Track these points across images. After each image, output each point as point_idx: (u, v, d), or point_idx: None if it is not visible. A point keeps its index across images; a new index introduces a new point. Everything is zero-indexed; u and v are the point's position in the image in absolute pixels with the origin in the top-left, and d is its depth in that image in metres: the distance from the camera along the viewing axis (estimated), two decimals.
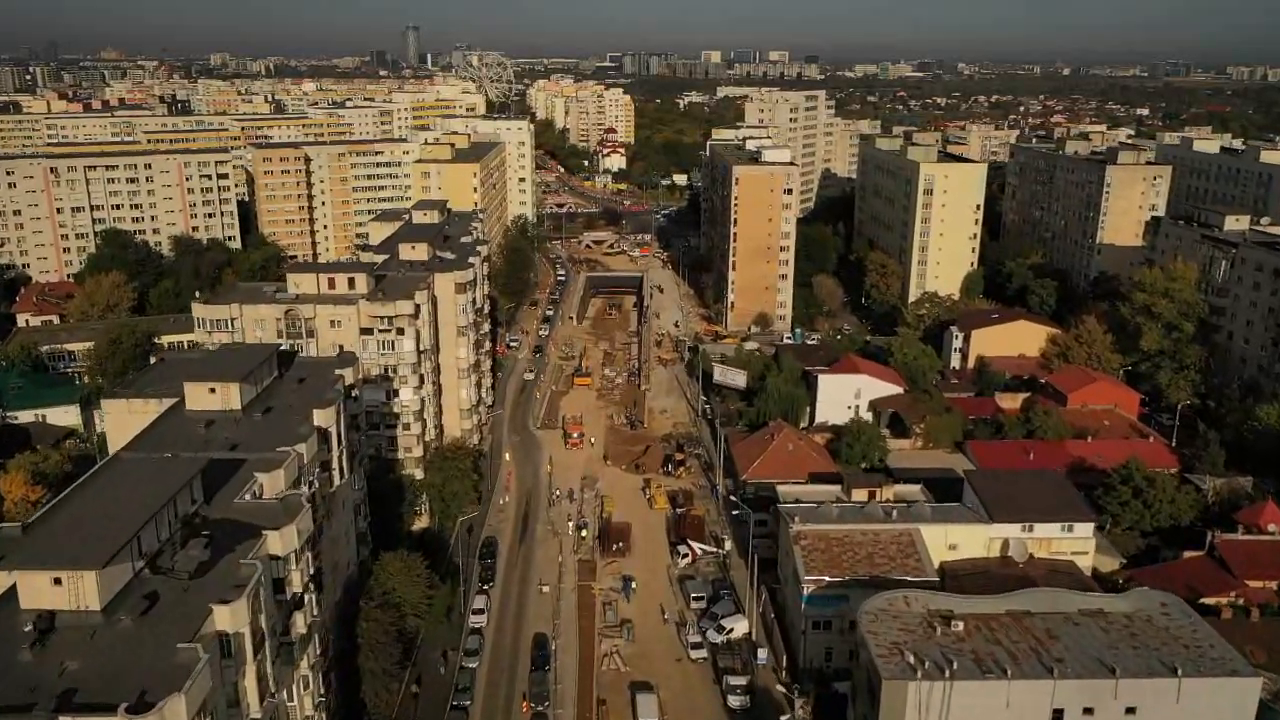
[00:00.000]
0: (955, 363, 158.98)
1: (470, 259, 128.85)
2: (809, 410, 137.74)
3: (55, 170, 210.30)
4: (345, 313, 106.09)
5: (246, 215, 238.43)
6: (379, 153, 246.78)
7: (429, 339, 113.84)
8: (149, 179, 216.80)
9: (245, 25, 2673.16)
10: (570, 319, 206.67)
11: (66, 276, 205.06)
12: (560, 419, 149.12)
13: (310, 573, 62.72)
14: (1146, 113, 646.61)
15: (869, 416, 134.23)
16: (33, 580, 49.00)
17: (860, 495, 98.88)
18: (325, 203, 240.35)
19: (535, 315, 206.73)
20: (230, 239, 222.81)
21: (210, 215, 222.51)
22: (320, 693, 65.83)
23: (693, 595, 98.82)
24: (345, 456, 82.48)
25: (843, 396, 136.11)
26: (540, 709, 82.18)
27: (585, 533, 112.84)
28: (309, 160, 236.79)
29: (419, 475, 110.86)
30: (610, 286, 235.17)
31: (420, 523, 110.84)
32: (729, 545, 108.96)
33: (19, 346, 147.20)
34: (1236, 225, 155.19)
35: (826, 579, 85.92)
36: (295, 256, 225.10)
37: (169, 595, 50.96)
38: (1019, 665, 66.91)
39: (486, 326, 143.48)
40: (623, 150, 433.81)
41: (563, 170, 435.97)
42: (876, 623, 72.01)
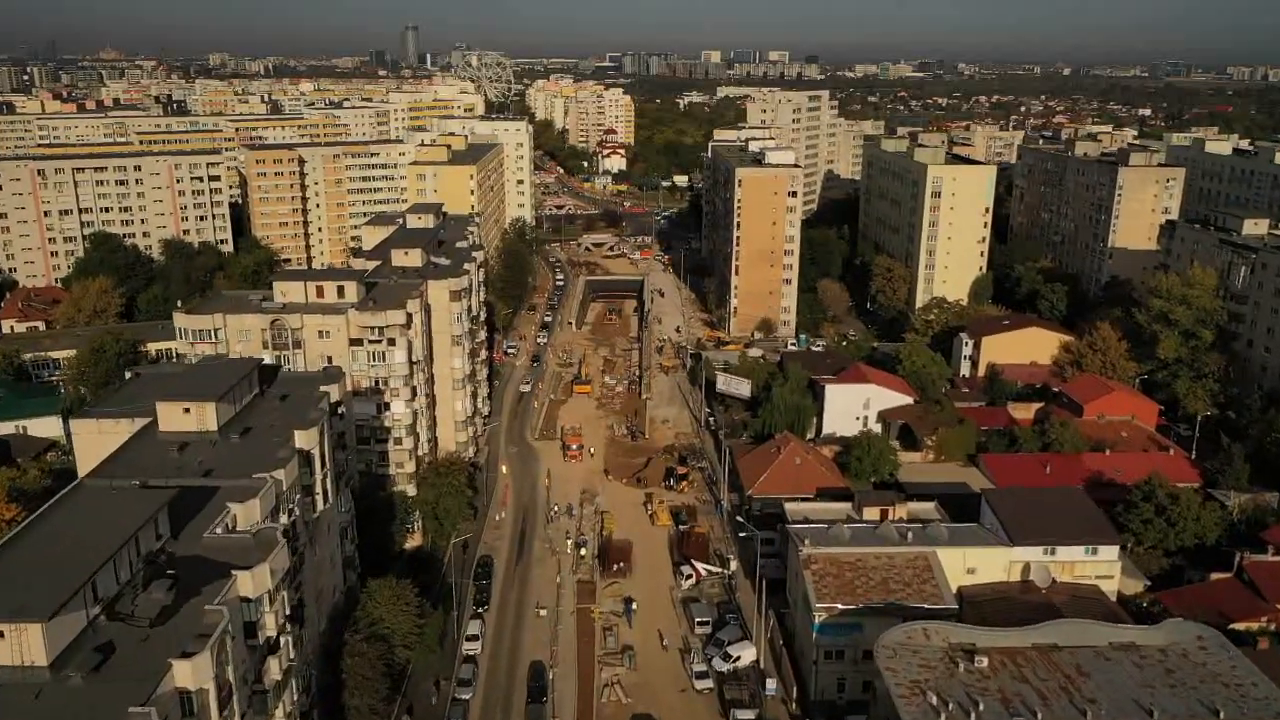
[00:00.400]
0: (965, 370, 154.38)
1: (465, 265, 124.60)
2: (816, 421, 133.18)
3: (43, 172, 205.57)
4: (334, 323, 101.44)
5: (239, 218, 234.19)
6: (374, 154, 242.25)
7: (422, 349, 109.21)
8: (139, 181, 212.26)
9: (245, 25, 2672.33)
10: (569, 324, 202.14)
11: (54, 281, 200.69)
12: (559, 429, 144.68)
13: (286, 613, 58.01)
14: (1149, 113, 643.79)
15: (878, 428, 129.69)
16: None
17: (872, 514, 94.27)
18: (319, 205, 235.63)
19: (533, 320, 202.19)
20: (222, 242, 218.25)
21: (202, 218, 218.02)
22: None
23: (697, 620, 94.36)
24: (330, 479, 77.98)
25: (851, 407, 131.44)
26: None
27: (584, 551, 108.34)
28: (303, 162, 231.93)
29: (411, 492, 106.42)
30: (610, 290, 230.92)
31: (412, 541, 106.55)
32: (734, 565, 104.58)
33: (1, 354, 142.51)
34: (1256, 229, 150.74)
35: (839, 606, 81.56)
36: (289, 260, 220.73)
37: (126, 647, 46.49)
38: (1049, 707, 62.84)
39: (483, 334, 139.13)
40: (623, 151, 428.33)
41: (562, 171, 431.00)
42: (895, 659, 67.91)
